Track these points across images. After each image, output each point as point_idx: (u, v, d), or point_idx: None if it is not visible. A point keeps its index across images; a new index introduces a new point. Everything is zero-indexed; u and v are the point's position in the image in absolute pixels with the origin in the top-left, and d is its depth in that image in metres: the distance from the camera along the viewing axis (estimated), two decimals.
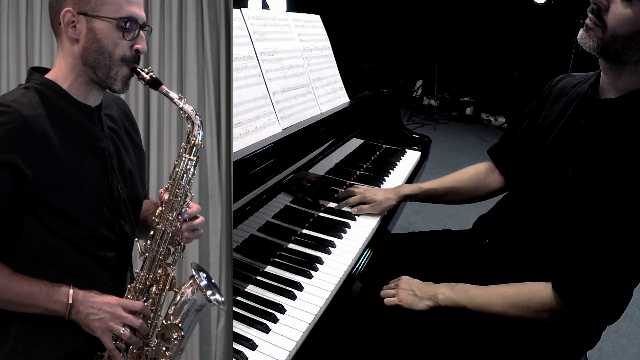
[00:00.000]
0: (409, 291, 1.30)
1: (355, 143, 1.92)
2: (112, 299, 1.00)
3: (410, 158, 2.23)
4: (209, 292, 1.03)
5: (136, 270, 1.05)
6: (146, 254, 1.04)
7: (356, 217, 1.57)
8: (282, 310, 1.13)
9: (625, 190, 1.01)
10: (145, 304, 1.03)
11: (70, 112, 1.03)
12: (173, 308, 1.05)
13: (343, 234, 1.46)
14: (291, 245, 1.40)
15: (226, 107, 1.67)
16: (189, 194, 1.05)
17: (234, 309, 1.13)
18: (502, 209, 1.45)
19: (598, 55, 1.08)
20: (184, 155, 1.04)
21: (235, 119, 1.33)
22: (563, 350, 1.23)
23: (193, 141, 1.03)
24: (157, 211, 1.05)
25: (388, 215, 1.63)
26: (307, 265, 1.29)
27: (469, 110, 6.96)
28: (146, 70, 1.02)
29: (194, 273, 1.04)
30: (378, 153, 2.19)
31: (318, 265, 1.30)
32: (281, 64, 1.63)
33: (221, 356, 1.77)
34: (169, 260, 1.06)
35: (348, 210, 1.59)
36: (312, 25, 1.96)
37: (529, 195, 1.31)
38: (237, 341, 1.03)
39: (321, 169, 1.62)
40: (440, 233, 1.64)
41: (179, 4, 1.70)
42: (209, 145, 1.69)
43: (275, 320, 1.10)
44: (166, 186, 1.05)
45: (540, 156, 1.29)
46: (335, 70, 2.01)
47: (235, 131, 1.32)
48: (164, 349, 1.03)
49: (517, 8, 5.56)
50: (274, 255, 1.33)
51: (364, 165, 2.03)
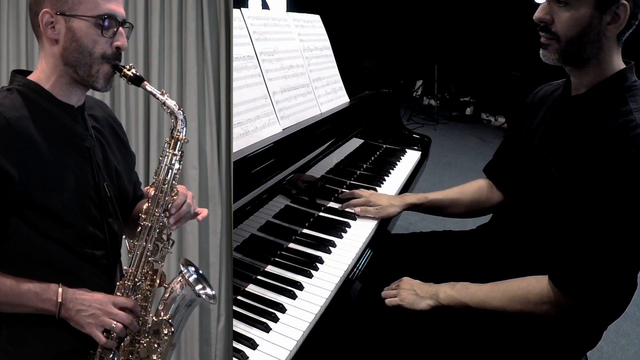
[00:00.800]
0: (410, 291, 1.30)
1: (355, 143, 1.92)
2: (102, 296, 1.00)
3: (410, 158, 2.23)
4: (198, 287, 1.03)
5: (125, 268, 1.05)
6: (134, 251, 1.04)
7: (356, 217, 1.57)
8: (283, 309, 1.13)
9: (603, 175, 1.04)
10: (135, 300, 1.03)
11: (53, 112, 1.03)
12: (163, 304, 1.05)
13: (343, 234, 1.46)
14: (292, 245, 1.40)
15: (226, 107, 1.67)
16: (174, 189, 1.05)
17: (235, 308, 1.13)
18: (499, 214, 1.48)
19: (563, 64, 1.15)
20: (167, 150, 1.04)
21: (235, 119, 1.33)
22: (564, 350, 1.24)
23: (177, 136, 1.03)
24: (144, 207, 1.05)
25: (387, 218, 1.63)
26: (308, 265, 1.29)
27: (469, 110, 6.96)
28: (128, 66, 1.02)
29: (182, 268, 1.04)
30: (378, 153, 2.19)
31: (318, 264, 1.31)
32: (281, 64, 1.64)
33: (221, 356, 1.77)
34: (157, 256, 1.06)
35: (350, 210, 1.59)
36: (312, 25, 1.97)
37: (520, 197, 1.33)
38: (238, 340, 1.03)
39: (321, 169, 1.62)
40: (441, 234, 1.64)
41: (179, 4, 1.70)
42: (209, 145, 1.69)
43: (275, 319, 1.10)
44: (152, 182, 1.05)
45: (527, 161, 1.32)
46: (335, 70, 2.01)
47: (235, 131, 1.32)
48: (155, 345, 1.03)
49: (517, 8, 5.57)
50: (274, 254, 1.33)
51: (364, 165, 2.03)
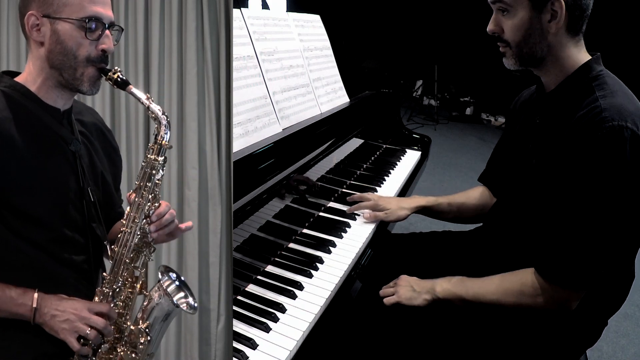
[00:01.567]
0: (408, 287, 1.32)
1: (355, 143, 1.92)
2: (78, 302, 0.99)
3: (410, 158, 2.23)
4: (179, 296, 1.01)
5: (104, 274, 1.04)
6: (114, 257, 1.03)
7: (356, 217, 1.57)
8: (283, 309, 1.13)
9: (575, 161, 1.08)
10: (113, 306, 1.02)
11: (38, 115, 1.03)
12: (142, 312, 1.03)
13: (343, 234, 1.46)
14: (292, 245, 1.40)
15: (226, 107, 1.67)
16: (157, 195, 1.03)
17: (235, 308, 1.13)
18: (491, 216, 1.50)
19: (523, 67, 1.22)
20: (150, 155, 1.02)
21: (235, 119, 1.33)
22: (564, 347, 1.24)
23: (160, 141, 1.02)
24: (125, 213, 1.04)
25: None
26: (308, 265, 1.29)
27: (469, 110, 6.97)
28: (113, 70, 1.01)
29: (161, 276, 1.02)
30: (378, 153, 2.19)
31: (318, 264, 1.31)
32: (281, 64, 1.64)
33: (221, 356, 1.77)
34: (138, 263, 1.05)
35: (358, 213, 1.59)
36: (312, 25, 1.97)
37: (509, 198, 1.37)
38: (238, 340, 1.03)
39: (321, 169, 1.62)
40: (441, 234, 1.64)
41: (179, 4, 1.70)
42: (209, 145, 1.69)
43: (275, 319, 1.10)
44: (135, 188, 1.03)
45: (512, 163, 1.36)
46: (335, 70, 2.01)
47: (235, 131, 1.32)
48: (132, 354, 1.02)
49: None
50: (274, 254, 1.33)
51: (364, 165, 2.03)
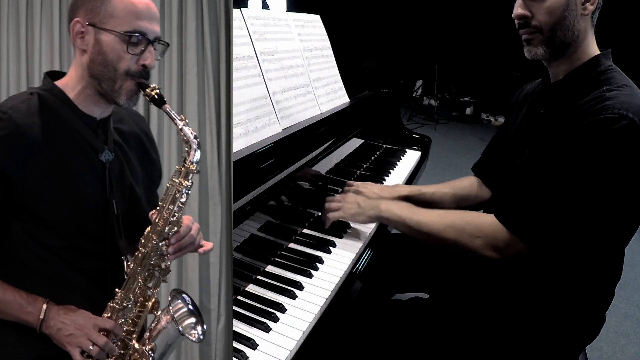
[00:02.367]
0: (354, 204, 1.34)
1: (355, 143, 1.92)
2: (84, 317, 0.99)
3: (410, 158, 2.23)
4: (186, 324, 1.00)
5: (116, 289, 1.04)
6: (129, 274, 1.03)
7: None
8: (283, 309, 1.13)
9: (569, 140, 1.08)
10: (120, 323, 1.01)
11: (72, 122, 1.03)
12: (149, 332, 1.03)
13: (344, 234, 1.46)
14: (292, 245, 1.40)
15: (226, 107, 1.67)
16: (179, 220, 1.02)
17: (235, 308, 1.13)
18: (488, 210, 1.49)
19: (551, 55, 1.18)
20: (177, 179, 1.01)
21: (235, 119, 1.33)
22: (562, 344, 1.23)
23: (188, 166, 1.00)
24: (145, 232, 1.03)
25: None
26: (308, 265, 1.29)
27: (469, 110, 6.97)
28: (152, 86, 1.00)
29: (170, 300, 1.01)
30: (378, 153, 2.19)
31: (318, 264, 1.31)
32: (281, 64, 1.64)
33: (221, 356, 1.77)
34: (151, 283, 1.04)
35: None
36: (312, 25, 1.97)
37: (504, 191, 1.35)
38: (238, 340, 1.03)
39: (321, 169, 1.62)
40: None
41: (179, 4, 1.70)
42: (209, 145, 1.69)
43: (275, 319, 1.10)
44: (157, 208, 1.02)
45: (510, 155, 1.36)
46: (335, 70, 2.01)
47: (235, 131, 1.32)
48: None
49: None
50: (274, 254, 1.33)
51: (364, 165, 2.03)
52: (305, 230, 1.48)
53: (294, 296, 1.18)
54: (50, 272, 1.02)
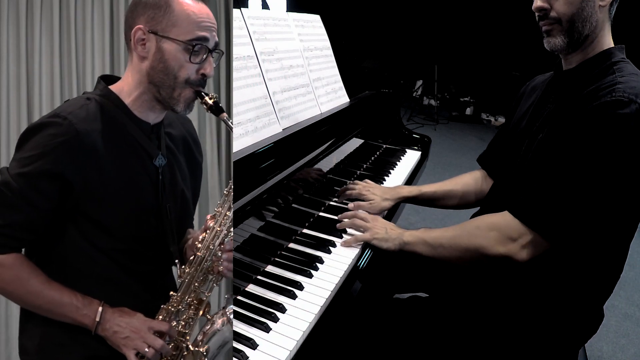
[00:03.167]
0: (382, 228, 1.37)
1: (355, 143, 1.92)
2: (140, 319, 1.01)
3: (410, 158, 2.23)
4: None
5: (171, 293, 1.05)
6: (183, 278, 1.05)
7: None
8: (283, 309, 1.13)
9: (578, 124, 1.08)
10: (175, 325, 1.03)
11: (127, 128, 1.04)
12: (202, 334, 1.05)
13: (344, 234, 1.46)
14: (292, 245, 1.40)
15: (226, 107, 1.67)
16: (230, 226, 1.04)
17: (235, 308, 1.13)
18: (487, 201, 1.51)
19: (569, 46, 1.20)
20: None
21: (235, 119, 1.33)
22: (562, 340, 1.23)
23: None
24: (200, 237, 1.04)
25: (388, 216, 1.63)
26: (308, 265, 1.29)
27: (469, 110, 6.97)
28: (210, 95, 1.02)
29: (226, 303, 1.04)
30: (378, 153, 2.19)
31: (318, 264, 1.30)
32: (281, 64, 1.63)
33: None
34: (205, 287, 1.06)
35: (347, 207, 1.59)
36: (312, 25, 1.96)
37: (507, 180, 1.37)
38: (238, 340, 1.03)
39: (321, 169, 1.62)
40: None
41: None
42: (209, 145, 1.69)
43: (275, 319, 1.10)
44: (213, 213, 1.05)
45: (514, 144, 1.36)
46: (335, 70, 2.01)
47: (235, 131, 1.32)
48: None
49: (517, 8, 5.57)
50: (274, 254, 1.33)
51: (364, 165, 2.03)
52: (305, 230, 1.47)
53: (294, 296, 1.18)
54: (103, 275, 1.04)
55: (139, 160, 1.06)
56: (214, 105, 1.01)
